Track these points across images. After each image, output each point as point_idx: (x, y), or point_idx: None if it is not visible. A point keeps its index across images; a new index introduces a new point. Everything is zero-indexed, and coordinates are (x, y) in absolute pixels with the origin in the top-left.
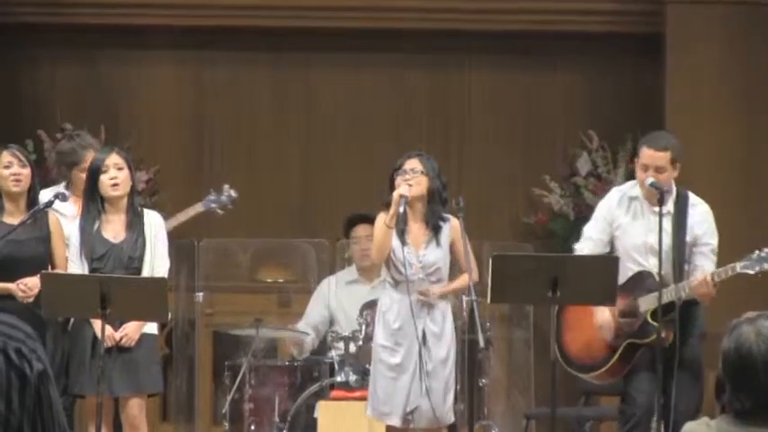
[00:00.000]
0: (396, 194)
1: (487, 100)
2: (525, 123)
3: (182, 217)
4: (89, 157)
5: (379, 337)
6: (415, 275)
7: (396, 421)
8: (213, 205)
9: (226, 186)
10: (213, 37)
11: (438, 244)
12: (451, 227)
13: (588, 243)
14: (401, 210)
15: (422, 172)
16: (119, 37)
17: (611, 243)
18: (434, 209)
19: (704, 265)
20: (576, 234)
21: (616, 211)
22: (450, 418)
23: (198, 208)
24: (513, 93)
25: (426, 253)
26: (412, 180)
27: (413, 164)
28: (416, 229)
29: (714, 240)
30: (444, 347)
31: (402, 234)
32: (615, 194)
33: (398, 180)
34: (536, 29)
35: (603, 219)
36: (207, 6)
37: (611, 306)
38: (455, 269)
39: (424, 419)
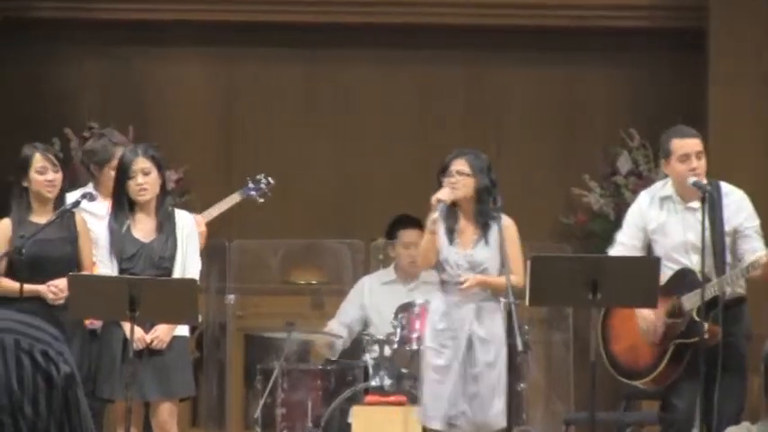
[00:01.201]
0: (433, 199)
1: (525, 98)
2: (564, 122)
3: (219, 208)
4: (119, 153)
5: (427, 338)
6: (460, 276)
7: (438, 425)
8: (253, 193)
9: (261, 175)
10: (243, 33)
11: (487, 243)
12: (505, 227)
13: (620, 249)
14: (436, 214)
15: (468, 174)
16: (146, 33)
17: (648, 247)
18: (483, 208)
19: (755, 247)
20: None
21: (649, 214)
22: (501, 424)
23: (235, 198)
24: (552, 90)
25: (474, 252)
26: (457, 183)
27: (459, 165)
28: (466, 228)
29: (757, 222)
30: (492, 351)
31: (451, 233)
32: (645, 197)
33: (444, 182)
34: (575, 25)
35: (635, 225)
36: (236, 1)
37: (652, 309)
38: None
39: (468, 424)
